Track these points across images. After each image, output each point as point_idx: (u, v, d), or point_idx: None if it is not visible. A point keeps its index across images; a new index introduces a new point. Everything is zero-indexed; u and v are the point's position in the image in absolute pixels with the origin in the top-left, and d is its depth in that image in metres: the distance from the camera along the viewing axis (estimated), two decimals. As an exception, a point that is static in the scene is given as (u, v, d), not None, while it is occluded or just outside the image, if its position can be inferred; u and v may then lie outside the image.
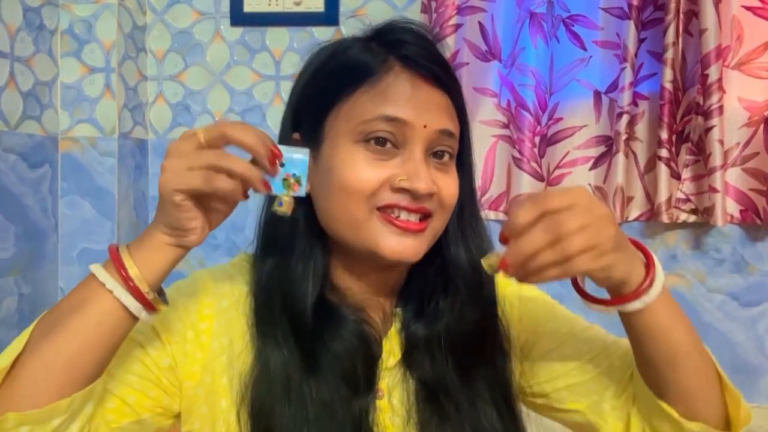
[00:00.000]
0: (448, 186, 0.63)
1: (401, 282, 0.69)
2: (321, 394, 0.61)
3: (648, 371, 0.63)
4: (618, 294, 0.57)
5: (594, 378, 0.70)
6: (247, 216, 1.62)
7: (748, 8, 1.40)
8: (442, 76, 0.63)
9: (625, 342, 0.68)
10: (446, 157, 0.64)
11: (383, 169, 0.60)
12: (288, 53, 1.56)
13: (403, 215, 0.61)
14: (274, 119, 1.57)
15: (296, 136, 0.66)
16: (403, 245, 0.61)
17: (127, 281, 0.53)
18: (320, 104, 0.64)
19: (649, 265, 0.57)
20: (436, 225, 0.64)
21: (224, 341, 0.64)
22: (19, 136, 1.31)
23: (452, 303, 0.67)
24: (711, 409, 0.63)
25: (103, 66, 1.45)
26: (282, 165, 0.56)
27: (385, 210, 0.61)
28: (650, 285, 0.56)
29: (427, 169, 0.61)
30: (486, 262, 0.55)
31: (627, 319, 0.60)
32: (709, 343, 0.66)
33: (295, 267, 0.64)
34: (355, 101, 0.62)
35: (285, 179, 0.57)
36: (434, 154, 0.63)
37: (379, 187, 0.60)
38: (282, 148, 0.57)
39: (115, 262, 0.54)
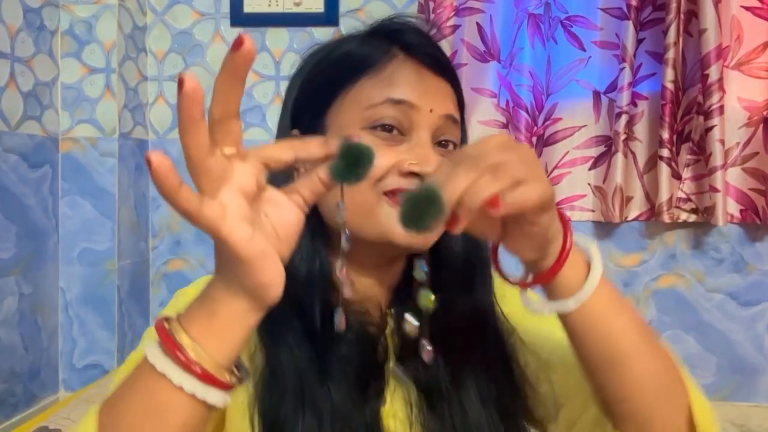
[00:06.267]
0: None
1: (397, 280, 0.67)
2: (335, 401, 0.59)
3: (589, 378, 0.58)
4: (539, 270, 0.52)
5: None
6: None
7: (747, 8, 1.41)
8: (444, 64, 0.64)
9: None
10: (450, 147, 0.63)
11: (391, 154, 0.59)
12: (288, 53, 1.56)
13: None
14: (274, 119, 1.57)
15: (295, 132, 0.65)
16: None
17: (207, 379, 0.44)
18: (321, 97, 0.63)
19: (564, 244, 0.52)
20: None
21: (243, 355, 0.58)
22: (20, 137, 1.32)
23: (443, 302, 0.62)
24: (670, 427, 0.56)
25: (104, 66, 1.45)
26: None
27: (393, 194, 0.59)
28: (561, 265, 0.51)
29: (436, 155, 0.61)
30: (425, 298, 0.53)
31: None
32: (708, 342, 0.64)
33: (299, 268, 0.61)
34: (360, 88, 0.61)
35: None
36: (439, 143, 0.63)
37: (386, 172, 0.59)
38: None
39: (180, 359, 0.43)
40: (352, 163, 0.45)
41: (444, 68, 0.64)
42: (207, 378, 0.43)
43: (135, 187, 1.53)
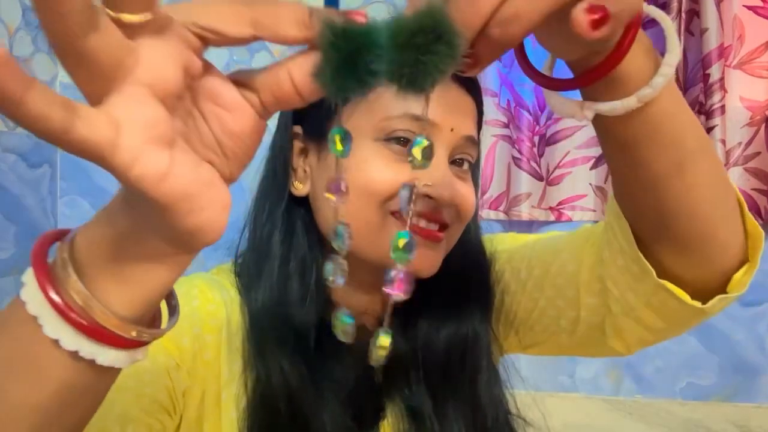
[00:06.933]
0: (468, 196, 0.57)
1: None
2: (327, 428, 0.54)
3: (649, 196, 0.46)
4: (586, 65, 0.38)
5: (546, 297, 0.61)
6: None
7: (749, 8, 1.40)
8: (473, 79, 0.58)
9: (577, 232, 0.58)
10: (465, 166, 0.59)
11: (404, 171, 0.53)
12: (288, 53, 1.56)
13: (422, 223, 0.54)
14: (274, 120, 1.56)
15: (297, 129, 0.59)
16: (420, 258, 0.53)
17: (98, 335, 0.30)
18: None
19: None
20: (452, 237, 0.57)
21: (236, 367, 0.55)
22: (19, 137, 1.31)
23: (432, 320, 0.60)
24: (732, 237, 0.48)
25: (103, 65, 1.45)
26: None
27: (401, 215, 0.53)
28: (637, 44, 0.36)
29: (452, 176, 0.56)
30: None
31: (612, 120, 0.40)
32: (709, 342, 0.63)
33: (291, 283, 0.57)
34: (377, 96, 0.54)
35: None
36: (454, 161, 0.58)
37: (397, 189, 0.53)
38: None
39: (57, 304, 0.29)
40: (346, 59, 0.26)
41: (471, 83, 0.58)
42: (97, 334, 0.29)
43: (134, 187, 1.53)
